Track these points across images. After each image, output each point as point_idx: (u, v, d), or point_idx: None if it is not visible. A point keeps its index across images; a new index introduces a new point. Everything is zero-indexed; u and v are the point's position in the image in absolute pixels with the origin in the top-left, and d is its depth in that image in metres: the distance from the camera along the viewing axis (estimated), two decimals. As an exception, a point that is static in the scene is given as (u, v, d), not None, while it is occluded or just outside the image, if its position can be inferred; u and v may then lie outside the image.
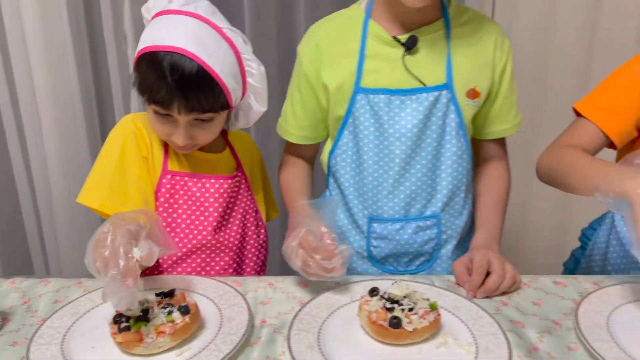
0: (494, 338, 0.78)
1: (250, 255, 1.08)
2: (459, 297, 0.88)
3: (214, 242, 1.01)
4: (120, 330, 0.77)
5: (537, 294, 0.92)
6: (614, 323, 0.81)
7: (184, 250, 1.00)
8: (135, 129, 0.98)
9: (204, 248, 1.01)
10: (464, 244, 1.10)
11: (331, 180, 1.11)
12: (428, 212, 1.04)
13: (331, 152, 1.07)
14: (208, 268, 1.02)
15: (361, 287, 0.90)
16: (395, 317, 0.77)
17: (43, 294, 0.94)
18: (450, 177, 1.03)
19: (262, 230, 1.11)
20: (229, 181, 1.03)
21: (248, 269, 1.08)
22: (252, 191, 1.09)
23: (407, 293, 0.81)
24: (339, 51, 1.00)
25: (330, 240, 0.85)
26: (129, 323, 0.77)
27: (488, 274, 0.91)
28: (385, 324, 0.77)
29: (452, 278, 0.97)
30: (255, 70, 0.96)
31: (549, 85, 1.75)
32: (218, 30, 0.92)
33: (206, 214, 1.00)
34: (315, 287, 0.92)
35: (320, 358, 0.75)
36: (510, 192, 1.13)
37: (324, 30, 1.04)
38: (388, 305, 0.79)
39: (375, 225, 1.05)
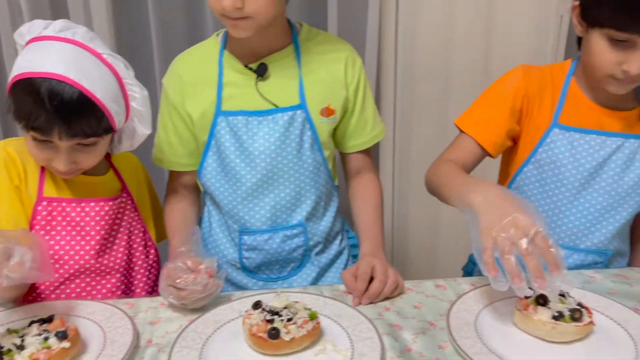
0: (370, 342, 0.82)
1: (139, 276, 1.08)
2: (343, 305, 0.92)
3: (97, 265, 1.00)
4: None
5: (419, 297, 0.97)
6: (482, 321, 0.87)
7: (66, 275, 0.98)
8: (7, 157, 0.97)
9: (87, 272, 1.00)
10: (330, 247, 1.18)
11: (207, 197, 1.16)
12: (294, 222, 1.11)
13: (198, 172, 1.12)
14: (94, 292, 1.01)
15: (250, 301, 0.91)
16: (274, 329, 0.79)
17: None
18: (313, 189, 1.10)
19: (152, 250, 1.11)
20: (111, 203, 1.03)
21: (138, 290, 1.08)
22: (139, 211, 1.09)
23: (287, 304, 0.84)
24: (199, 81, 1.06)
25: (190, 262, 0.92)
26: (2, 352, 0.75)
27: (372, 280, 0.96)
28: (265, 335, 0.79)
29: (341, 287, 1.01)
30: (138, 94, 0.97)
31: (452, 86, 1.79)
32: (97, 55, 0.92)
33: (87, 237, 0.99)
34: (207, 304, 0.93)
35: (200, 373, 0.76)
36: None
37: (185, 62, 1.10)
38: (268, 317, 0.81)
39: (245, 237, 1.11)
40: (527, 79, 1.06)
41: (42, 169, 0.99)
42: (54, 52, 0.89)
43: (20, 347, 0.77)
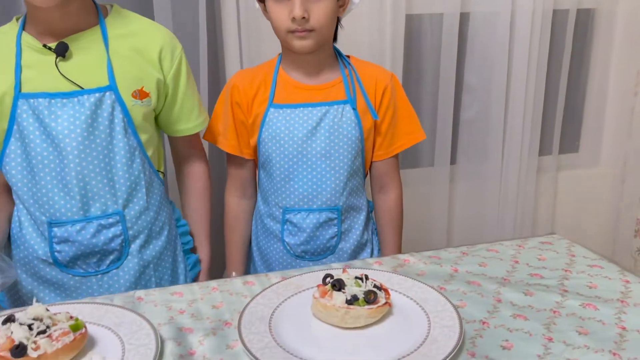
0: (144, 349, 0.72)
1: None
2: (126, 312, 0.81)
3: None
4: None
5: (221, 296, 0.89)
6: (281, 313, 0.81)
7: None
8: None
9: None
10: (157, 239, 1.11)
11: (12, 190, 1.05)
12: (110, 210, 1.04)
13: (0, 162, 1.01)
14: None
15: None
16: (18, 345, 0.67)
17: None
18: (127, 174, 1.04)
19: None
20: None
21: None
22: None
23: (40, 314, 0.71)
24: None
25: None
26: None
27: None
28: (8, 354, 0.66)
29: (136, 294, 0.90)
30: None
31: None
32: None
33: None
34: None
35: None
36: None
37: None
38: (16, 329, 0.69)
39: (55, 229, 1.02)
40: (237, 83, 1.18)
41: None
42: None
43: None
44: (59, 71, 0.98)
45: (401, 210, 1.25)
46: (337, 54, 1.20)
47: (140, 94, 1.03)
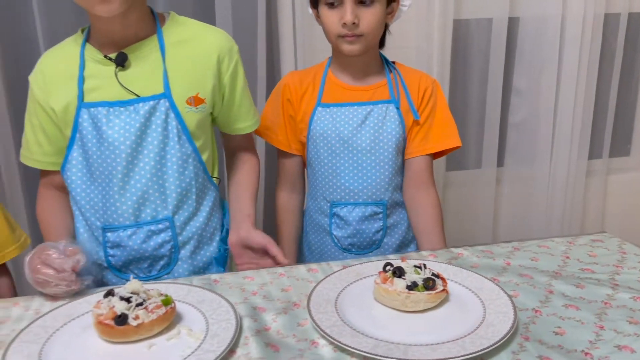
0: (226, 324, 0.80)
1: None
2: (207, 292, 0.90)
3: None
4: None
5: (289, 281, 0.97)
6: (344, 296, 0.88)
7: None
8: None
9: None
10: (208, 246, 1.15)
11: (70, 196, 1.12)
12: (160, 216, 1.08)
13: (62, 168, 1.08)
14: None
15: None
16: (121, 315, 0.76)
17: None
18: (177, 181, 1.07)
19: None
20: None
21: None
22: None
23: (136, 289, 0.81)
24: (61, 76, 1.05)
25: (56, 255, 0.90)
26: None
27: None
28: (112, 322, 0.76)
29: (213, 276, 0.99)
30: None
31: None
32: None
33: None
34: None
35: (36, 366, 0.72)
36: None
37: (49, 58, 1.09)
38: (116, 302, 0.78)
39: (108, 234, 1.08)
40: (289, 82, 1.26)
41: None
42: None
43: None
44: (118, 80, 1.03)
45: (441, 210, 1.28)
46: (383, 59, 1.27)
47: (195, 101, 1.06)
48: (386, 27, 1.23)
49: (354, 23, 1.11)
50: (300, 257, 1.37)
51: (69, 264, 0.89)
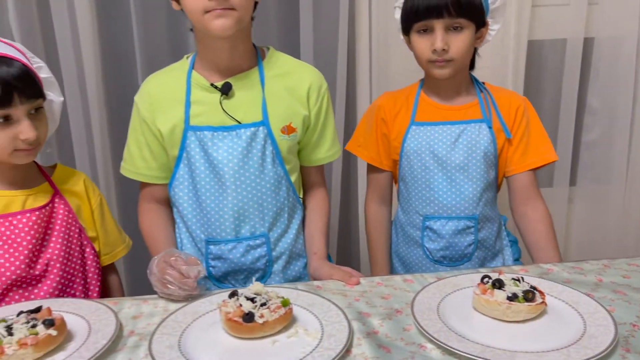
0: (338, 325, 0.88)
1: (77, 273, 1.13)
2: (315, 296, 0.98)
3: (29, 275, 1.07)
4: None
5: (387, 290, 1.03)
6: (444, 306, 0.94)
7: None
8: None
9: (19, 283, 1.06)
10: (297, 261, 1.24)
11: (175, 210, 1.23)
12: (257, 232, 1.17)
13: (170, 184, 1.19)
14: (32, 297, 1.07)
15: (223, 296, 0.97)
16: (248, 313, 0.85)
17: None
18: (273, 201, 1.17)
19: (88, 249, 1.16)
20: (37, 213, 1.08)
21: (78, 293, 1.14)
22: (73, 212, 1.14)
23: (260, 290, 0.89)
24: (169, 99, 1.15)
25: (182, 262, 1.00)
26: None
27: None
28: (240, 319, 0.85)
29: (315, 283, 1.07)
30: (42, 63, 1.09)
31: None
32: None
33: (20, 248, 1.05)
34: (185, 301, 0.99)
35: (178, 355, 0.81)
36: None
37: (155, 82, 1.19)
38: (243, 302, 0.87)
39: (211, 247, 1.18)
40: (383, 102, 1.34)
41: None
42: None
43: (9, 334, 0.82)
44: (222, 108, 1.13)
45: (552, 221, 1.30)
46: (473, 80, 1.32)
47: (288, 130, 1.16)
48: (475, 50, 1.29)
49: (443, 49, 1.18)
50: (389, 268, 1.42)
51: (194, 271, 0.98)
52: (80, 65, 1.67)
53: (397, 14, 1.28)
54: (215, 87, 1.13)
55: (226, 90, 1.12)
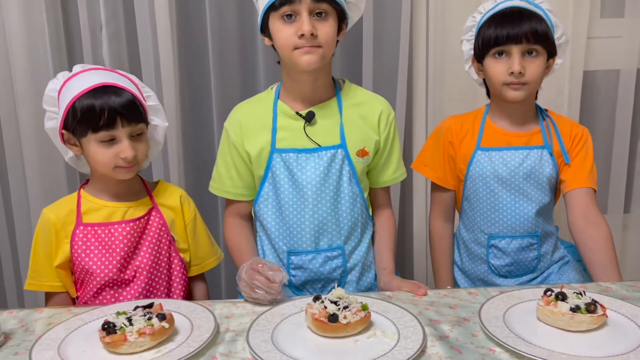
0: (413, 329, 0.97)
1: (160, 281, 1.27)
2: (389, 304, 1.08)
3: (119, 277, 1.22)
4: (109, 334, 0.93)
5: (454, 301, 1.12)
6: (509, 316, 1.02)
7: (96, 287, 1.22)
8: (49, 223, 1.22)
9: (111, 284, 1.22)
10: (368, 274, 1.36)
11: (257, 223, 1.37)
12: (334, 245, 1.30)
13: (255, 201, 1.33)
14: (121, 298, 1.22)
15: (306, 300, 1.08)
16: (333, 314, 0.96)
17: (38, 319, 1.10)
18: (349, 216, 1.30)
19: (176, 261, 1.29)
20: (132, 224, 1.22)
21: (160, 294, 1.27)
22: (167, 225, 1.27)
23: (341, 295, 1.00)
24: (257, 126, 1.29)
25: (268, 268, 1.12)
26: (116, 328, 0.94)
27: None
28: (325, 319, 0.96)
29: (386, 293, 1.18)
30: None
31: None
32: (114, 71, 1.24)
33: (113, 254, 1.21)
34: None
35: (272, 348, 0.92)
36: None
37: (244, 110, 1.34)
38: (328, 305, 0.98)
39: (293, 257, 1.30)
40: (451, 125, 1.43)
41: (78, 203, 1.23)
42: (92, 74, 1.19)
43: (129, 324, 0.95)
44: (306, 133, 1.26)
45: (613, 241, 1.33)
46: (537, 108, 1.41)
47: (362, 153, 1.29)
48: None
49: (520, 72, 1.27)
50: (453, 281, 1.50)
51: (279, 277, 1.10)
52: (160, 99, 1.82)
53: (465, 46, 1.39)
54: (300, 115, 1.27)
55: (310, 119, 1.26)
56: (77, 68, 1.22)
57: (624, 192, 2.06)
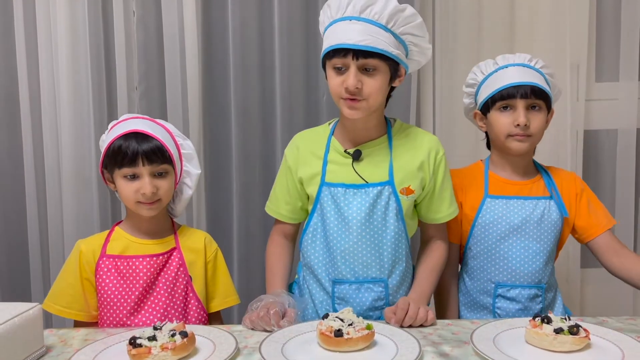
0: (411, 349, 1.07)
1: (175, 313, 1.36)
2: (395, 328, 1.19)
3: (138, 305, 1.33)
4: (135, 347, 1.05)
5: (457, 328, 1.22)
6: (499, 339, 1.11)
7: (116, 314, 1.32)
8: (79, 253, 1.35)
9: (128, 313, 1.33)
10: None
11: (301, 255, 1.44)
12: (377, 277, 1.35)
13: (304, 231, 1.42)
14: (133, 325, 1.32)
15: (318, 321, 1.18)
16: (339, 330, 1.07)
17: (76, 336, 1.23)
18: (393, 251, 1.34)
19: (192, 301, 1.37)
20: (150, 260, 1.34)
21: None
22: (185, 267, 1.37)
23: (348, 314, 1.12)
24: (311, 155, 1.39)
25: (273, 311, 1.20)
26: (142, 343, 1.05)
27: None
28: (331, 334, 1.07)
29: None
30: (185, 141, 1.41)
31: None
32: (153, 120, 1.39)
33: (131, 286, 1.32)
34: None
35: (281, 356, 1.04)
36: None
37: (303, 138, 1.45)
38: (334, 322, 1.09)
39: (337, 287, 1.36)
40: (455, 181, 1.46)
41: (108, 237, 1.37)
42: (131, 122, 1.35)
43: (154, 340, 1.06)
44: (354, 169, 1.34)
45: None
46: (533, 161, 1.52)
47: (407, 191, 1.33)
48: None
49: (525, 124, 1.38)
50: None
51: (285, 324, 1.19)
52: (186, 127, 1.96)
53: (466, 99, 1.52)
54: (348, 153, 1.35)
55: (356, 157, 1.34)
56: (123, 116, 1.41)
57: (632, 245, 2.12)
